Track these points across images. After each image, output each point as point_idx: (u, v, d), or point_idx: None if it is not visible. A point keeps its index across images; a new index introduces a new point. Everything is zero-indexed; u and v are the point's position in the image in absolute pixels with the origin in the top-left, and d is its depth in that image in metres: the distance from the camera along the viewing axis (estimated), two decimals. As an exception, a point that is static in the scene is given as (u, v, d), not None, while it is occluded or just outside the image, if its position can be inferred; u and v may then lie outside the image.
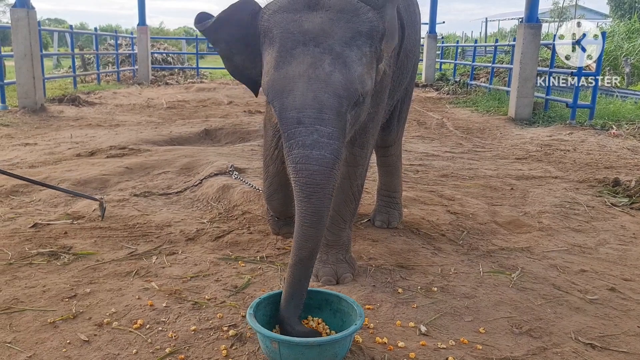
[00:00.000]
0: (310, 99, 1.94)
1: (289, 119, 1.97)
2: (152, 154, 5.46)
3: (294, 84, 1.98)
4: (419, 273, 2.82)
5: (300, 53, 2.01)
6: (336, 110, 1.96)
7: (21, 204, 3.88)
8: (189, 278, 2.71)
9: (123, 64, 16.03)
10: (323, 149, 1.94)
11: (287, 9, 2.11)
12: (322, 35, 2.03)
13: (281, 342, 1.90)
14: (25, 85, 8.45)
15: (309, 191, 1.96)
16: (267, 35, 2.12)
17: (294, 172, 1.99)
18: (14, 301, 2.44)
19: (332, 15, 2.07)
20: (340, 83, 1.97)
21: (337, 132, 1.97)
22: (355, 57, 2.03)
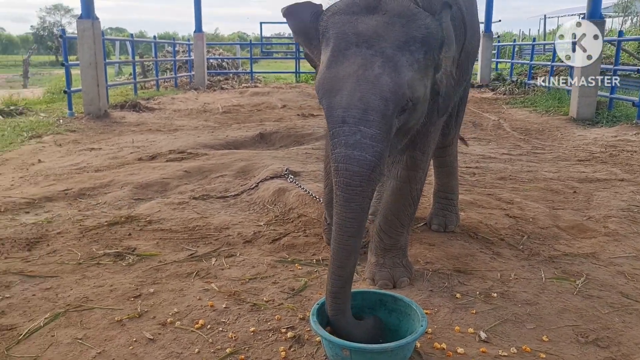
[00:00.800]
0: (357, 99, 1.95)
1: (335, 118, 1.99)
2: (209, 157, 5.60)
3: (342, 84, 2.00)
4: (477, 278, 2.77)
5: (352, 54, 2.03)
6: (381, 113, 1.95)
7: (88, 207, 4.06)
8: (247, 280, 2.77)
9: (180, 70, 16.51)
10: (364, 150, 1.93)
11: (345, 11, 2.15)
12: (375, 38, 2.04)
13: (353, 350, 1.90)
14: (90, 93, 8.85)
15: (348, 195, 1.95)
16: (324, 36, 2.16)
17: (335, 172, 1.99)
18: (84, 299, 2.56)
19: (387, 19, 2.08)
20: (388, 86, 1.97)
21: (380, 134, 1.96)
22: (406, 62, 2.02)
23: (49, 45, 43.14)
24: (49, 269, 2.89)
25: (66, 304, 2.51)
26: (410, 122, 2.15)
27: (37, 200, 4.17)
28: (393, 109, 1.98)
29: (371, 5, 2.12)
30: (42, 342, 2.21)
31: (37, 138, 7.12)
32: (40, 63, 36.32)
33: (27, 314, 2.43)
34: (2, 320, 2.38)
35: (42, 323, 2.33)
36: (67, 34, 9.62)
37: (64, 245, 3.22)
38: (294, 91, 13.18)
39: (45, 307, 2.49)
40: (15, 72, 26.07)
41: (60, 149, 6.49)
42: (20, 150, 6.34)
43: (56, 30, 44.85)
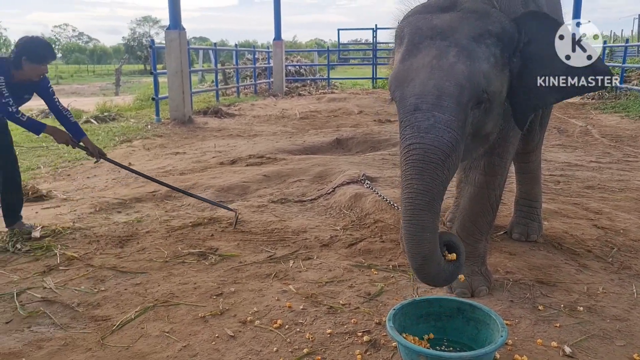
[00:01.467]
0: (431, 86, 1.93)
1: (407, 106, 1.95)
2: (287, 162, 5.73)
3: (416, 74, 1.99)
4: (561, 290, 2.66)
5: (426, 46, 2.04)
6: (456, 99, 1.91)
7: (174, 208, 4.28)
8: (324, 283, 2.81)
9: (260, 77, 16.96)
10: (439, 133, 1.87)
11: (420, 11, 2.20)
12: (450, 30, 2.04)
13: (429, 357, 1.89)
14: (176, 100, 9.30)
15: (421, 167, 1.85)
16: (398, 37, 2.19)
17: (405, 154, 1.91)
18: (171, 295, 2.70)
19: (462, 14, 2.09)
20: (463, 73, 1.94)
21: (455, 122, 1.90)
22: (483, 55, 2.00)
23: (139, 55, 45.71)
24: (139, 266, 3.08)
25: (154, 298, 2.66)
26: (485, 124, 2.10)
27: (128, 200, 4.44)
28: (468, 97, 1.94)
29: (446, 5, 2.14)
30: (133, 333, 2.36)
31: (128, 142, 7.57)
32: (130, 72, 38.56)
33: (120, 307, 2.60)
34: (98, 311, 2.57)
35: (133, 316, 2.49)
36: (156, 44, 10.14)
37: (152, 243, 3.41)
38: (370, 97, 13.19)
39: (135, 300, 2.65)
40: (108, 80, 27.85)
41: (148, 152, 6.87)
42: (113, 153, 6.76)
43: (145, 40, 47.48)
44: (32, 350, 2.24)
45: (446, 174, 1.93)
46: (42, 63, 3.38)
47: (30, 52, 3.33)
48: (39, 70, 3.39)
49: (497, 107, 2.12)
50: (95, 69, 48.07)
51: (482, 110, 2.04)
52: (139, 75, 35.90)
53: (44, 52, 3.39)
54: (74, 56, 60.04)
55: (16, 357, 2.19)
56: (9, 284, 2.86)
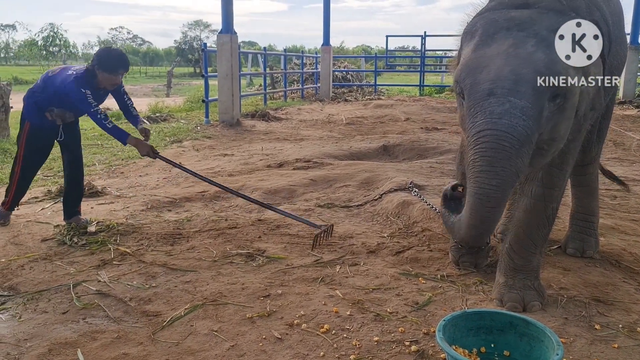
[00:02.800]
0: (507, 72, 1.84)
1: (480, 92, 1.86)
2: (334, 167, 5.73)
3: (490, 61, 1.91)
4: (619, 310, 2.55)
5: (502, 37, 1.96)
6: (533, 86, 1.82)
7: (222, 208, 4.35)
8: (371, 290, 2.79)
9: (307, 82, 17.09)
10: (514, 119, 1.77)
11: (495, 8, 2.15)
12: (529, 22, 1.97)
13: None
14: (226, 102, 9.46)
15: (493, 156, 1.75)
16: (469, 33, 2.13)
17: (474, 141, 1.81)
18: (219, 295, 2.73)
19: (540, 10, 2.04)
20: (543, 61, 1.86)
21: (531, 110, 1.80)
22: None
23: (189, 58, 46.83)
24: (189, 264, 3.14)
25: (203, 297, 2.71)
26: (559, 124, 2.00)
27: (178, 200, 4.54)
28: (546, 86, 1.86)
29: (521, 3, 2.08)
30: (183, 330, 2.40)
31: (178, 143, 7.75)
32: (180, 74, 39.53)
33: (170, 303, 2.65)
34: (149, 306, 2.62)
35: (183, 313, 2.54)
36: (208, 48, 10.35)
37: (201, 243, 3.47)
38: (417, 104, 13.08)
39: (185, 298, 2.70)
40: (159, 82, 28.62)
41: (197, 153, 7.01)
42: (164, 153, 6.89)
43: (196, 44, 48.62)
44: (87, 341, 2.31)
45: (519, 164, 1.82)
46: (113, 73, 3.50)
47: (102, 62, 3.47)
48: (112, 80, 3.53)
49: (570, 109, 2.02)
50: (148, 70, 49.54)
51: (557, 107, 1.95)
52: (189, 77, 36.77)
53: (114, 62, 3.51)
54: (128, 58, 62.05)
55: (72, 347, 2.26)
56: (65, 276, 2.96)
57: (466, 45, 2.12)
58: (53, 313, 2.56)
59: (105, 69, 3.46)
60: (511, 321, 2.15)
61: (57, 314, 2.55)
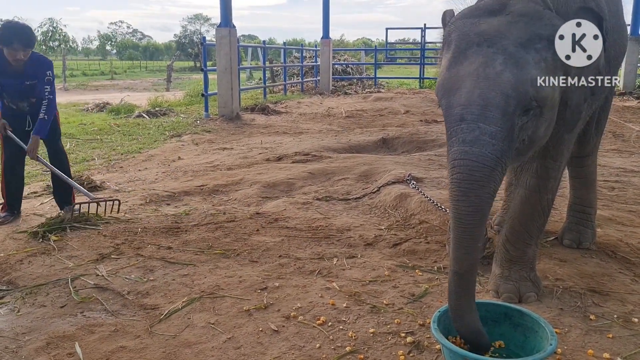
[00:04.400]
0: (476, 96, 1.90)
1: (453, 116, 1.94)
2: (332, 160, 5.74)
3: (462, 82, 1.96)
4: (615, 300, 2.56)
5: (473, 53, 1.99)
6: (502, 110, 1.88)
7: (220, 202, 4.36)
8: (367, 282, 2.80)
9: (307, 75, 17.05)
10: (484, 147, 1.86)
11: (469, 15, 2.14)
12: (497, 36, 1.99)
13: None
14: (225, 96, 9.46)
15: (466, 188, 1.86)
16: (446, 41, 2.16)
17: (451, 170, 1.92)
18: (216, 288, 2.75)
19: (511, 18, 2.04)
20: (509, 82, 1.90)
21: (501, 132, 1.87)
22: (532, 60, 1.95)
23: (189, 52, 46.73)
24: (186, 257, 3.15)
25: (201, 290, 2.72)
26: (537, 129, 2.04)
27: (177, 194, 4.54)
28: (515, 107, 1.90)
29: (495, 8, 2.09)
30: (180, 323, 2.42)
31: (177, 137, 7.75)
32: (180, 68, 39.46)
33: (168, 297, 2.67)
34: (147, 300, 2.64)
35: (180, 306, 2.55)
36: (207, 42, 10.33)
37: (199, 236, 3.48)
38: (417, 97, 13.05)
39: (182, 291, 2.72)
40: (159, 76, 28.57)
41: (197, 147, 7.01)
42: (163, 147, 6.95)
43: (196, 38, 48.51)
44: (85, 334, 2.32)
45: (493, 186, 1.92)
46: (9, 47, 3.48)
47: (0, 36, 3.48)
48: (11, 54, 3.50)
49: (549, 111, 2.05)
50: (148, 64, 49.48)
51: (532, 116, 1.99)
52: (189, 71, 36.70)
53: (8, 35, 3.48)
54: (127, 52, 62.00)
55: (69, 340, 2.28)
56: (64, 270, 2.98)
57: (444, 55, 2.14)
58: (51, 307, 2.58)
59: (1, 43, 3.48)
60: (506, 312, 2.15)
61: (56, 308, 2.56)
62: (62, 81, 19.98)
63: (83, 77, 29.52)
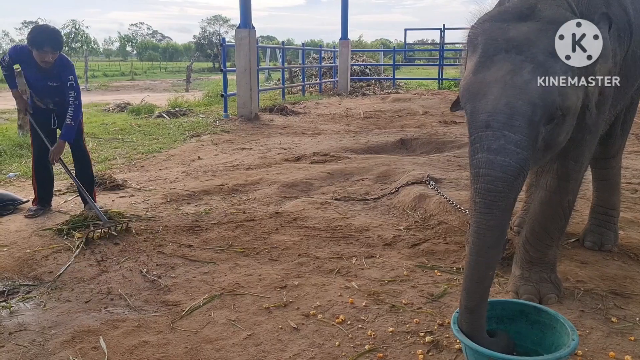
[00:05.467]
0: (503, 104, 1.89)
1: (478, 122, 1.93)
2: (351, 161, 5.75)
3: (488, 89, 1.95)
4: (636, 303, 2.54)
5: (500, 59, 1.98)
6: (528, 119, 1.87)
7: (240, 201, 4.39)
8: (386, 281, 2.81)
9: (325, 76, 17.08)
10: (508, 156, 1.85)
11: (497, 18, 2.11)
12: (526, 44, 1.97)
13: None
14: (244, 97, 9.52)
15: (490, 200, 1.85)
16: (472, 43, 2.14)
17: (474, 178, 1.91)
18: (237, 285, 2.78)
19: (541, 25, 2.01)
20: (537, 92, 1.89)
21: (526, 141, 1.87)
22: (560, 70, 1.94)
23: (208, 53, 47.09)
24: (207, 255, 3.19)
25: (221, 287, 2.76)
26: (558, 136, 2.03)
27: (197, 193, 4.59)
28: (541, 116, 1.90)
29: (524, 13, 2.06)
30: (201, 319, 2.45)
31: (197, 137, 7.83)
32: (200, 69, 39.78)
33: (189, 294, 2.71)
34: (169, 296, 2.69)
35: (202, 303, 2.59)
36: (226, 43, 10.41)
37: (219, 235, 3.52)
38: (436, 98, 13.00)
39: (203, 288, 2.76)
40: (179, 77, 28.83)
41: (216, 147, 7.07)
42: (183, 147, 7.03)
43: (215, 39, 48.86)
44: (109, 329, 2.37)
45: (514, 195, 1.92)
46: (40, 49, 3.55)
47: (31, 38, 3.57)
48: (40, 56, 3.57)
49: (571, 119, 2.05)
50: (167, 65, 49.94)
51: (555, 125, 1.99)
52: (208, 72, 36.98)
53: (41, 38, 3.56)
54: (147, 53, 62.69)
55: (94, 334, 2.33)
56: (88, 267, 3.03)
57: (470, 56, 2.13)
58: (76, 302, 2.63)
59: (33, 45, 3.55)
60: (522, 309, 2.15)
61: (80, 303, 2.62)
62: (84, 82, 20.28)
63: (104, 77, 29.93)
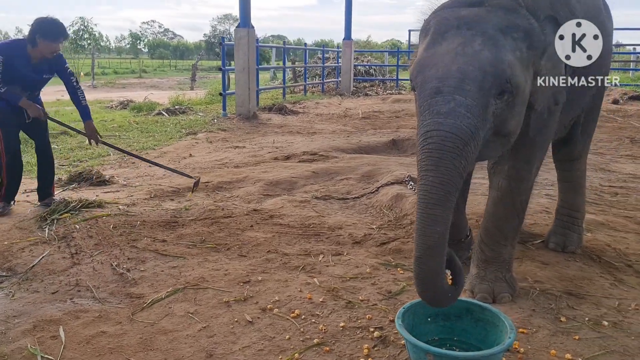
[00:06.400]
0: (454, 70, 1.91)
1: (429, 90, 1.93)
2: (338, 160, 5.80)
3: (440, 59, 1.97)
4: (589, 303, 2.57)
5: (452, 35, 2.03)
6: (479, 84, 1.89)
7: (222, 198, 4.46)
8: (348, 278, 2.87)
9: (329, 76, 17.14)
10: (459, 119, 1.83)
11: (448, 6, 2.20)
12: (477, 20, 2.03)
13: (437, 355, 1.89)
14: (242, 96, 9.60)
15: (438, 157, 1.80)
16: (424, 31, 2.20)
17: (423, 140, 1.86)
18: (201, 280, 2.85)
19: (490, 8, 2.09)
20: (488, 59, 1.93)
21: (476, 108, 1.87)
22: (509, 46, 1.99)
23: (217, 52, 47.27)
24: (179, 250, 3.26)
25: (186, 281, 2.83)
26: (507, 120, 2.05)
27: (181, 189, 4.68)
28: (491, 84, 1.92)
29: (475, 1, 2.13)
30: (161, 311, 2.52)
31: (193, 135, 7.91)
32: (209, 67, 39.97)
33: (154, 287, 2.78)
34: (134, 289, 2.76)
35: (163, 295, 2.66)
36: (226, 42, 10.50)
37: (194, 230, 3.60)
38: (437, 99, 12.98)
39: (169, 282, 2.83)
40: (186, 75, 28.97)
41: (210, 145, 7.16)
42: (177, 144, 7.12)
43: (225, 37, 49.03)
44: (70, 319, 2.45)
45: (464, 163, 1.88)
46: (55, 41, 3.66)
47: (43, 30, 3.63)
48: (52, 47, 3.68)
49: (520, 104, 2.07)
50: (177, 63, 50.24)
51: (505, 103, 2.00)
52: (217, 71, 37.09)
53: (57, 30, 3.67)
54: (158, 51, 63.07)
55: (55, 324, 2.40)
56: (61, 259, 3.12)
57: (421, 42, 2.18)
58: (44, 293, 2.72)
59: (47, 37, 3.63)
60: (467, 307, 2.20)
61: (47, 294, 2.70)
62: (91, 79, 20.48)
63: (114, 75, 30.16)
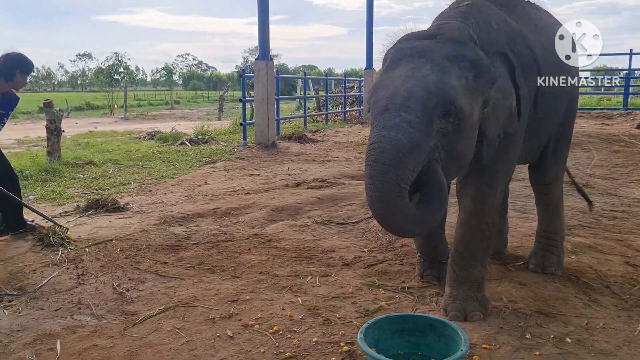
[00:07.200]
0: (402, 91, 2.13)
1: (379, 108, 2.16)
2: (345, 187, 5.98)
3: (391, 82, 2.21)
4: (559, 322, 2.65)
5: (404, 62, 2.26)
6: (423, 103, 2.09)
7: (228, 224, 4.68)
8: (330, 297, 3.02)
9: (353, 105, 17.43)
10: (400, 132, 2.04)
11: (405, 39, 2.43)
12: (428, 50, 2.26)
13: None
14: (261, 125, 9.92)
15: (373, 171, 2.04)
16: (383, 61, 2.42)
17: (367, 152, 2.11)
18: (192, 298, 3.04)
19: (442, 39, 2.30)
20: (433, 82, 2.13)
21: (419, 124, 2.06)
22: (454, 73, 2.18)
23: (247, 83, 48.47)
24: (177, 272, 3.47)
25: (178, 300, 3.02)
26: (457, 143, 2.20)
27: (191, 215, 4.91)
28: (435, 104, 2.11)
29: (429, 33, 2.37)
30: (150, 327, 2.72)
31: (212, 163, 8.21)
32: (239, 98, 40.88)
33: (148, 305, 2.99)
34: (130, 307, 2.97)
35: (155, 313, 2.86)
36: (246, 75, 10.90)
37: (195, 253, 3.81)
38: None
39: (163, 300, 3.03)
40: (217, 106, 29.82)
41: (226, 173, 7.42)
42: (195, 173, 7.41)
43: (255, 69, 50.19)
44: (68, 333, 2.66)
45: (401, 174, 2.05)
46: (29, 74, 3.88)
47: (23, 65, 3.83)
48: (24, 82, 3.89)
49: (469, 129, 2.23)
50: (210, 94, 51.62)
51: (451, 125, 2.16)
52: (247, 101, 38.00)
53: (32, 64, 3.88)
54: (192, 83, 64.99)
55: (54, 337, 2.62)
56: (68, 280, 3.36)
57: (379, 71, 2.40)
58: (47, 310, 2.95)
59: (26, 72, 3.83)
60: (430, 323, 2.32)
61: (50, 311, 2.93)
62: (124, 111, 21.30)
63: (148, 106, 31.23)
